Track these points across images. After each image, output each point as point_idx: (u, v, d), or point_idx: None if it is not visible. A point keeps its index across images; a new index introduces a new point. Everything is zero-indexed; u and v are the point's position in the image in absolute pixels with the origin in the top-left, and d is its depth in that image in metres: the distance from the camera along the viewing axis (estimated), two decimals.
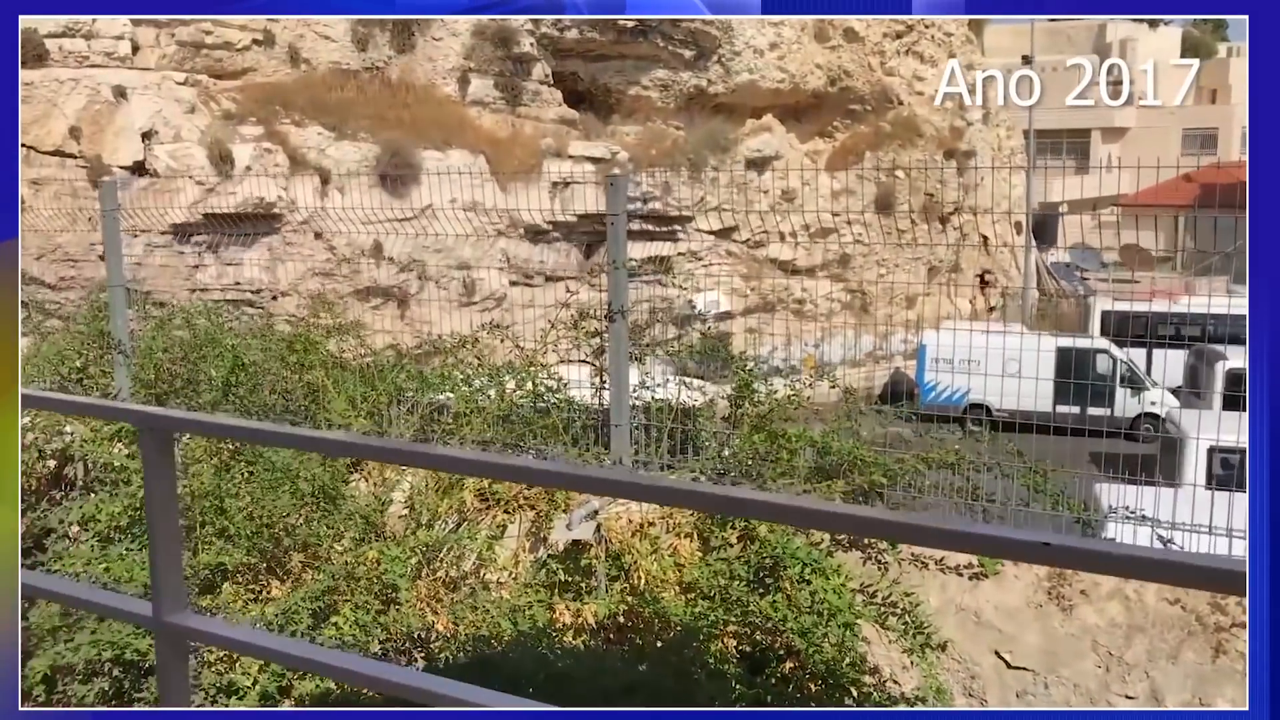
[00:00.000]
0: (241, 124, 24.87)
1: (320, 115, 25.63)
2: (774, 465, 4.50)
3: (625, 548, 4.45)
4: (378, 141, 25.61)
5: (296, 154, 24.97)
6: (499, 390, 5.21)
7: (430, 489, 4.78)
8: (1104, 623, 3.91)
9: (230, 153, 24.10)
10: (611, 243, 4.87)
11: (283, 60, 26.45)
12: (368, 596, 4.22)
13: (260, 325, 6.49)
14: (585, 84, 29.95)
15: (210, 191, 23.54)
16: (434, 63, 27.66)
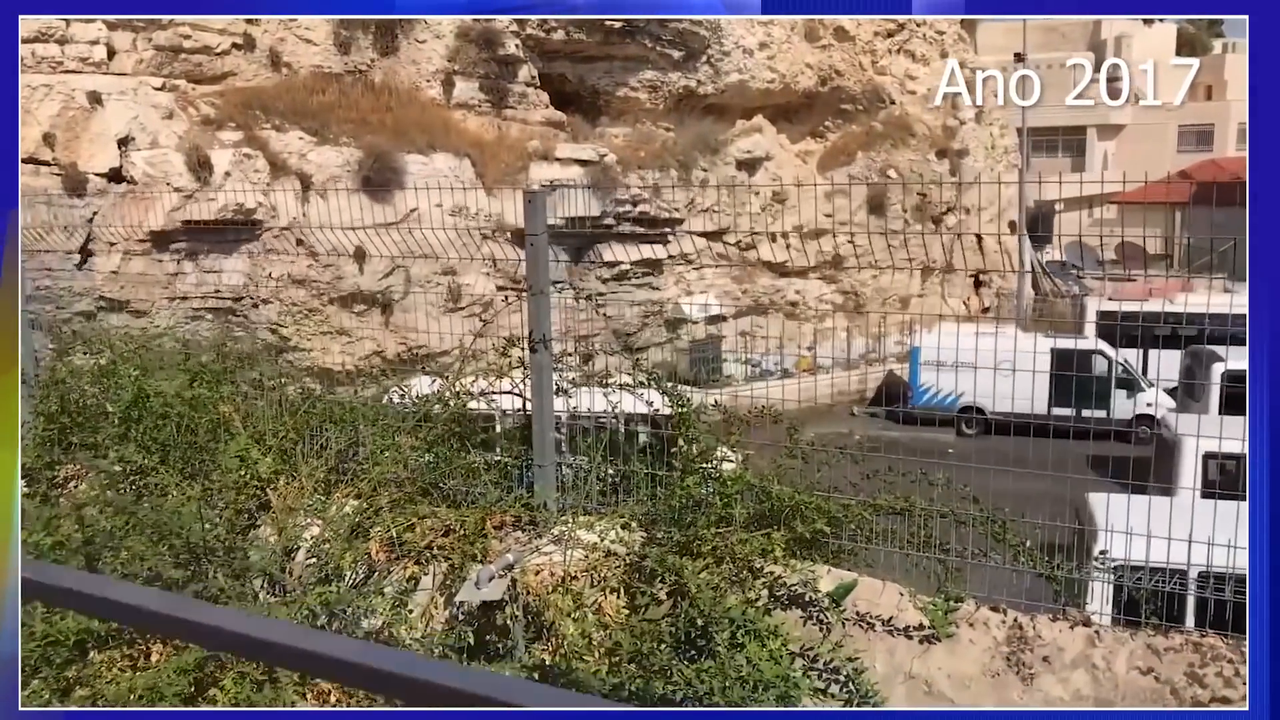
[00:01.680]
0: (221, 129, 24.47)
1: (301, 119, 25.21)
2: (707, 513, 4.07)
3: (546, 604, 4.03)
4: (360, 146, 25.18)
5: (277, 159, 24.56)
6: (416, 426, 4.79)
7: (335, 536, 4.37)
8: (1068, 695, 3.49)
9: (209, 159, 23.69)
10: (531, 266, 4.45)
11: (263, 64, 26.04)
12: (252, 666, 3.81)
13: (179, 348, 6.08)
14: (573, 85, 29.54)
15: (189, 199, 23.16)
16: (418, 65, 27.24)
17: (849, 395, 28.95)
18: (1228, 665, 3.43)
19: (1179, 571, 4.43)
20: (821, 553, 4.25)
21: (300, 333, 25.93)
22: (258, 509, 4.71)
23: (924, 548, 4.18)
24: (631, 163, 28.34)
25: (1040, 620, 3.73)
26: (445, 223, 12.41)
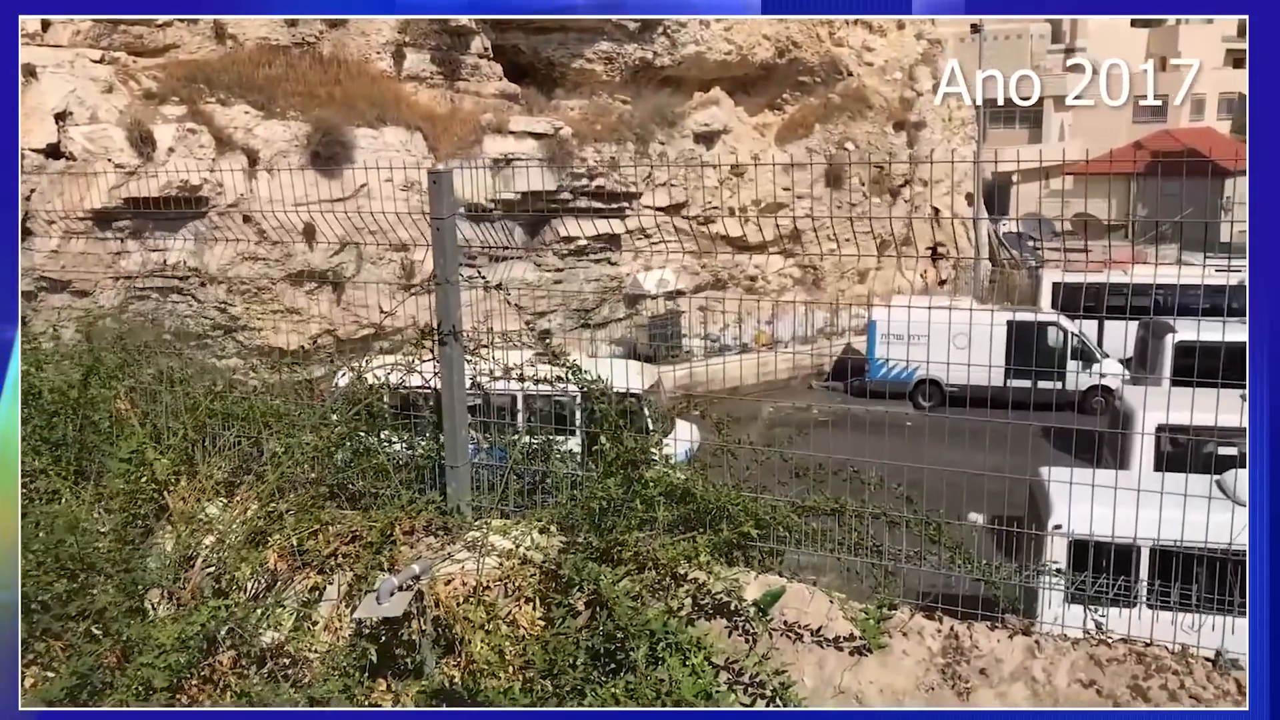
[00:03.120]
0: (163, 104, 23.77)
1: (247, 93, 24.58)
2: (629, 517, 3.81)
3: (456, 617, 3.76)
4: (308, 120, 24.58)
5: (222, 134, 23.93)
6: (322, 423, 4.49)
7: (233, 544, 4.08)
8: (1006, 709, 3.27)
9: (151, 134, 23.02)
10: (437, 252, 4.16)
11: (207, 36, 25.33)
12: (127, 694, 3.53)
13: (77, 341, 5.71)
14: (527, 57, 29.01)
15: (131, 175, 22.49)
16: (367, 37, 26.61)
17: (807, 369, 28.88)
18: (1172, 677, 3.23)
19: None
20: (750, 556, 4.01)
21: (250, 312, 25.42)
22: (155, 514, 4.40)
23: (857, 550, 3.96)
24: (587, 136, 27.92)
25: (978, 629, 3.52)
26: (396, 198, 11.99)
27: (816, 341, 28.63)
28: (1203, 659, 3.33)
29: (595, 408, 4.23)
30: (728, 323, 29.71)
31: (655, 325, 29.26)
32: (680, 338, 29.41)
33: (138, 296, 23.76)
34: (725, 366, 26.22)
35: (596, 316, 29.01)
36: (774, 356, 27.75)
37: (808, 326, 29.87)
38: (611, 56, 29.24)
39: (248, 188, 22.93)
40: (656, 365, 23.57)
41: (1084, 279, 23.56)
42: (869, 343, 26.27)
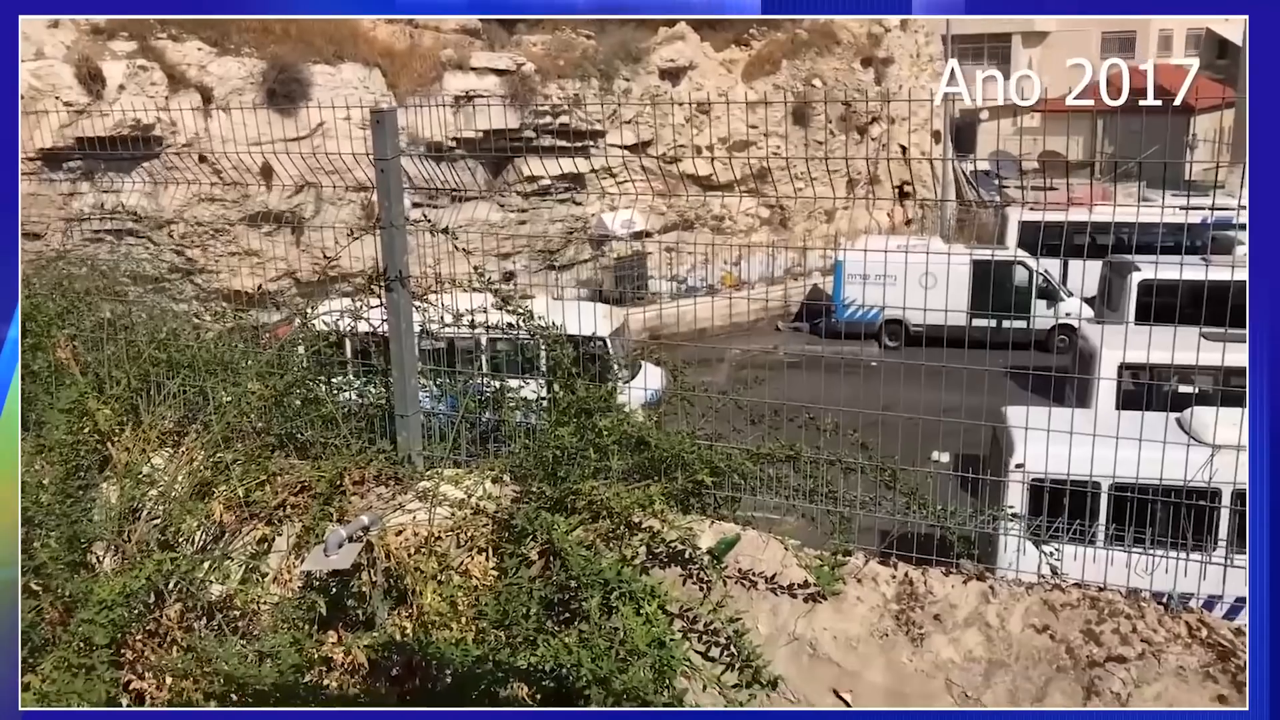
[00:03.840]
0: (112, 39, 23.09)
1: (200, 29, 23.90)
2: (583, 466, 3.75)
3: (407, 568, 3.70)
4: (263, 56, 23.99)
5: (175, 71, 23.32)
6: (268, 374, 4.38)
7: (178, 495, 3.98)
8: (960, 657, 3.27)
9: (101, 71, 22.38)
10: (382, 195, 4.03)
11: None
12: (66, 652, 3.45)
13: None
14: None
15: (81, 114, 21.89)
16: None
17: (774, 310, 28.86)
18: (1124, 621, 3.23)
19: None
20: (705, 504, 3.97)
21: (208, 254, 25.03)
22: (97, 465, 4.29)
23: (812, 497, 3.92)
24: (550, 72, 27.46)
25: (932, 574, 3.50)
26: (355, 137, 11.71)
27: (783, 282, 28.57)
28: (1155, 603, 3.34)
29: (549, 354, 4.14)
30: (694, 264, 29.58)
31: (621, 267, 29.10)
32: (646, 279, 29.29)
33: (91, 239, 23.27)
34: (692, 308, 26.16)
35: (562, 258, 28.79)
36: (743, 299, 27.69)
37: (773, 267, 29.80)
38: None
39: (202, 126, 22.41)
40: (624, 308, 23.48)
41: (1042, 218, 23.60)
42: (835, 283, 26.29)
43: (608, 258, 29.03)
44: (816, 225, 31.49)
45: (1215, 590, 4.05)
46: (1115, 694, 3.09)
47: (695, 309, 25.78)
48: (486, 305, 4.47)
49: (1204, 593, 3.99)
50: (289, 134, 21.67)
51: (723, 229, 31.37)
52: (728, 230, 31.27)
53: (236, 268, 24.47)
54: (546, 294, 15.41)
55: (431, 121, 23.25)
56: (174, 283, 23.47)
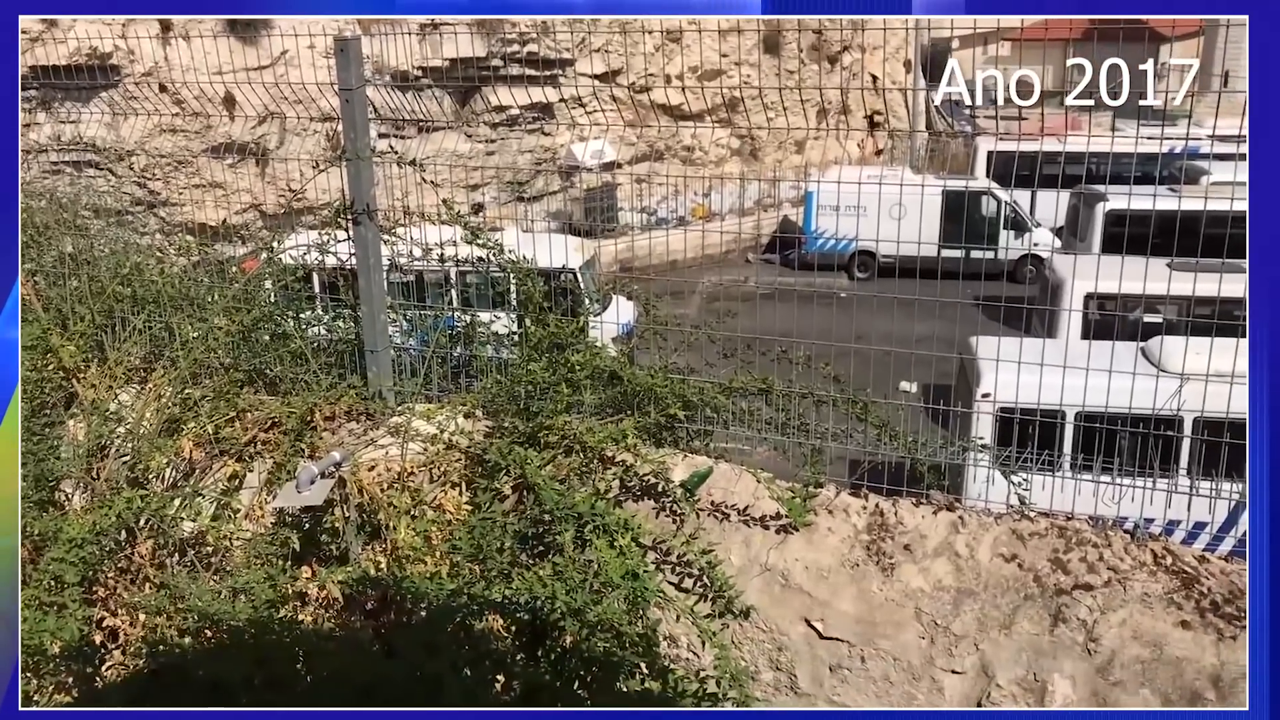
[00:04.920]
0: None
1: None
2: (555, 400, 3.74)
3: (380, 503, 3.70)
4: None
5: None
6: (235, 309, 4.31)
7: (146, 432, 3.94)
8: (929, 586, 3.32)
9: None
10: (347, 125, 3.95)
11: None
12: (37, 590, 3.44)
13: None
14: None
15: (35, 41, 21.27)
16: None
17: (745, 242, 28.78)
18: (1091, 550, 3.28)
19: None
20: (678, 437, 3.98)
21: (170, 186, 24.59)
22: (63, 403, 4.24)
23: (784, 429, 3.94)
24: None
25: (903, 505, 3.54)
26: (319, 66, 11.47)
27: (754, 214, 28.47)
28: (1121, 531, 3.39)
29: (520, 288, 4.11)
30: (665, 196, 29.37)
31: (591, 199, 28.85)
32: (617, 211, 29.08)
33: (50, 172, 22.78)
34: (663, 240, 26.02)
35: (531, 190, 28.51)
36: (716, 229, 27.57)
37: (744, 199, 29.65)
38: None
39: (162, 55, 21.89)
40: (595, 239, 23.31)
41: (1018, 147, 23.56)
42: (805, 214, 26.23)
43: (577, 189, 28.76)
44: (787, 156, 31.34)
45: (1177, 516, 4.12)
46: (1081, 621, 3.15)
47: (666, 241, 25.68)
48: (456, 238, 4.42)
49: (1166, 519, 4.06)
50: (251, 63, 21.15)
51: (693, 160, 31.17)
52: (698, 161, 31.08)
53: (201, 200, 24.06)
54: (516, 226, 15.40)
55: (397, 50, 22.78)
56: (137, 216, 23.08)
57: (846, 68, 30.45)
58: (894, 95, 32.04)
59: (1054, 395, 4.35)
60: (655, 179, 28.81)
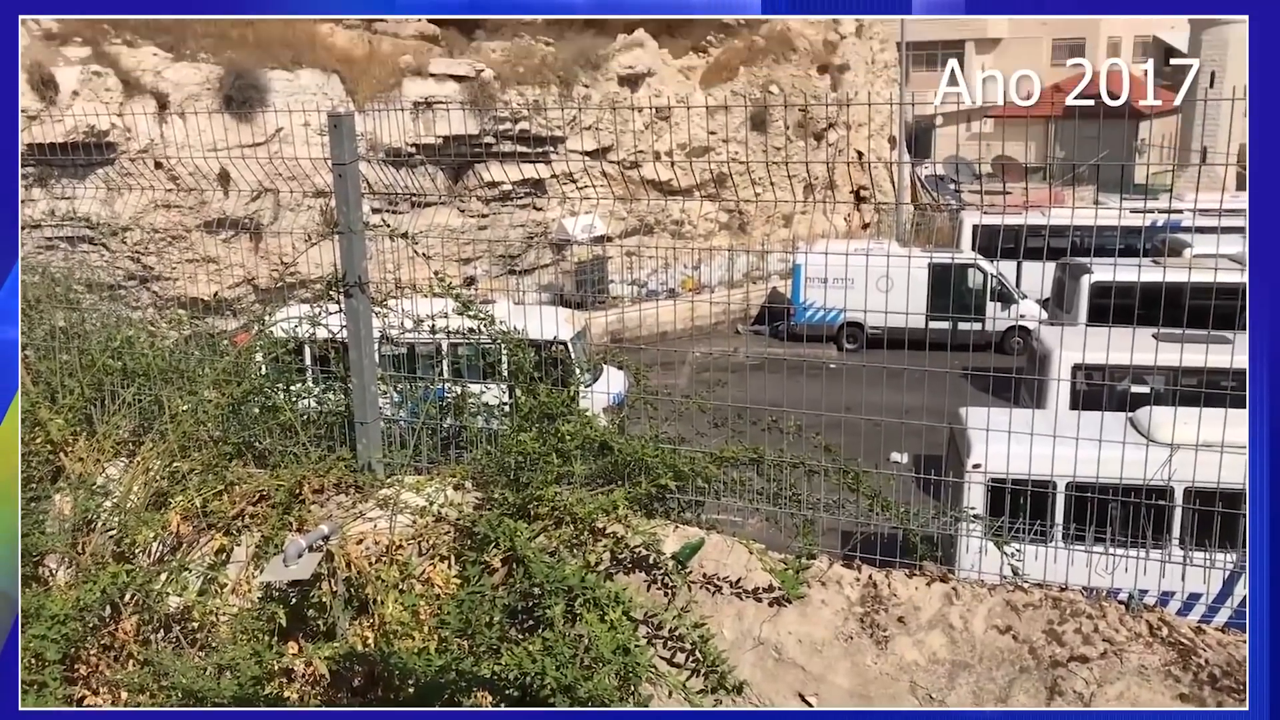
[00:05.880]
0: (65, 45, 22.74)
1: (155, 34, 23.60)
2: (545, 471, 3.73)
3: (368, 577, 3.66)
4: (220, 62, 23.71)
5: (130, 77, 23.00)
6: (226, 382, 4.31)
7: (133, 506, 3.91)
8: (924, 658, 3.28)
9: (54, 77, 22.03)
10: (340, 200, 3.99)
11: None
12: (20, 668, 3.37)
13: None
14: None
15: (33, 120, 21.54)
16: None
17: (734, 314, 28.95)
18: (1086, 621, 3.26)
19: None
20: (669, 508, 3.96)
21: (164, 261, 24.71)
22: (50, 477, 4.20)
23: (776, 500, 3.93)
24: (510, 79, 27.38)
25: (896, 577, 3.51)
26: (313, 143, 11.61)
27: (743, 286, 28.66)
28: (1116, 602, 3.37)
29: (511, 359, 4.12)
30: (655, 268, 29.62)
31: (582, 271, 29.06)
32: (607, 283, 29.27)
33: (44, 247, 22.87)
34: (652, 312, 26.19)
35: (523, 263, 28.71)
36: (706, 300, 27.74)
37: (733, 271, 29.86)
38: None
39: (158, 132, 22.14)
40: (585, 311, 23.45)
41: (1003, 221, 23.87)
42: (794, 286, 26.43)
43: (569, 262, 28.99)
44: (775, 230, 31.65)
45: (1171, 586, 4.10)
46: (1078, 694, 3.12)
47: (657, 312, 25.85)
48: (447, 310, 4.44)
49: (1160, 589, 4.04)
50: (246, 140, 21.41)
51: (682, 233, 31.47)
52: (687, 235, 31.37)
53: (194, 274, 24.18)
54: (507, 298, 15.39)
55: (391, 127, 23.14)
56: (130, 290, 23.15)
57: (832, 144, 30.94)
58: (879, 170, 32.51)
59: (1045, 466, 4.36)
60: (645, 252, 29.09)
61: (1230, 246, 13.05)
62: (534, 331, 4.61)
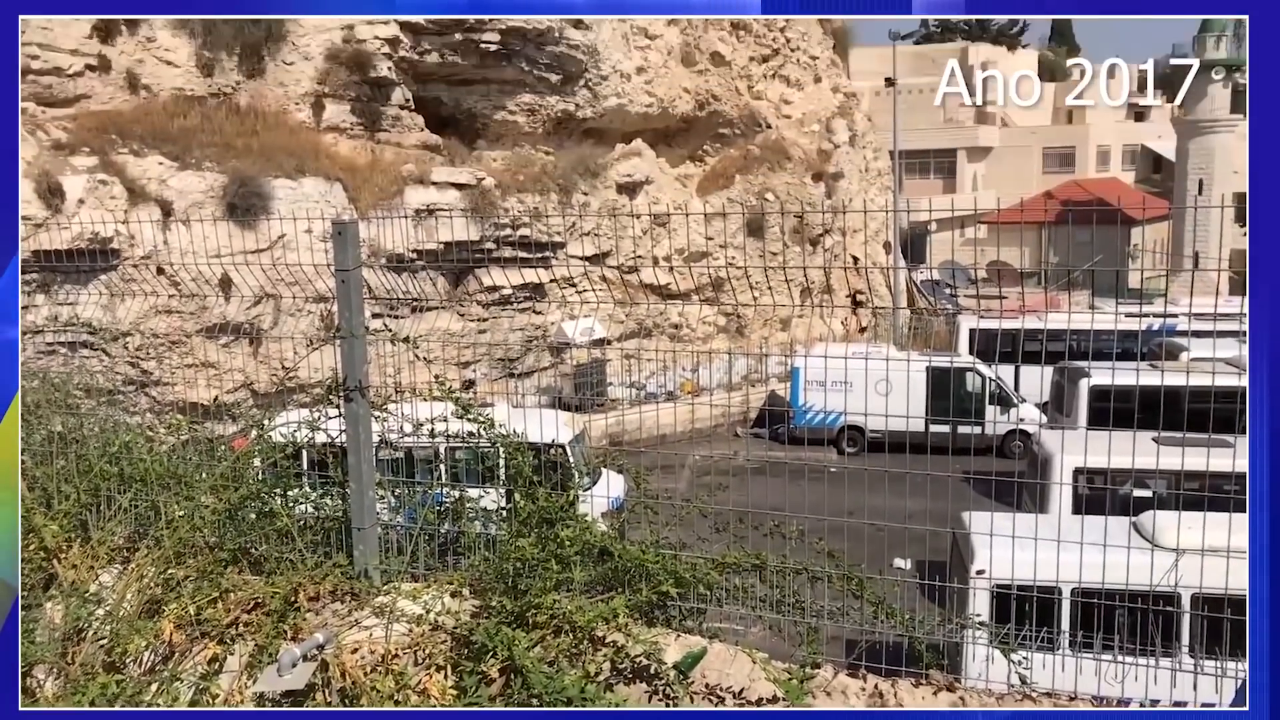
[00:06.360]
0: (73, 154, 23.19)
1: (161, 144, 24.10)
2: (544, 577, 3.68)
3: (363, 688, 3.58)
4: (224, 170, 24.16)
5: (135, 185, 23.40)
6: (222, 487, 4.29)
7: (126, 614, 3.85)
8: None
9: (60, 185, 22.41)
10: (342, 305, 4.03)
11: (120, 87, 24.79)
12: None
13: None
14: (449, 109, 28.95)
15: (39, 227, 21.83)
16: (285, 88, 26.30)
17: (733, 417, 28.96)
18: None
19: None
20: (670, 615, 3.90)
21: (164, 366, 24.78)
22: (42, 584, 4.15)
23: (779, 607, 3.87)
24: (511, 186, 27.87)
25: (902, 686, 3.44)
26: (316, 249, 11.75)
27: (742, 389, 28.74)
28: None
29: (509, 463, 4.10)
30: (653, 371, 29.74)
31: (581, 374, 29.16)
32: (606, 386, 29.33)
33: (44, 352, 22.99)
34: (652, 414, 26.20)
35: (522, 366, 28.82)
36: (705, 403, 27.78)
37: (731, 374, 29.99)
38: (534, 108, 29.31)
39: (161, 239, 22.42)
40: (584, 414, 23.46)
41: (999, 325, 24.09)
42: (793, 389, 26.50)
43: (568, 365, 29.11)
44: (773, 333, 31.86)
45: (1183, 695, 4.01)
46: None
47: (656, 415, 25.85)
48: (446, 414, 4.44)
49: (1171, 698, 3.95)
50: (249, 246, 21.74)
51: (681, 336, 31.68)
52: (686, 337, 31.59)
53: (193, 379, 24.22)
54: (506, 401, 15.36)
55: (393, 234, 23.45)
56: (128, 395, 23.16)
57: (828, 249, 31.35)
58: (875, 275, 32.88)
59: (1049, 571, 4.30)
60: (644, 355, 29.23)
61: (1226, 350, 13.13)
62: (533, 434, 4.60)
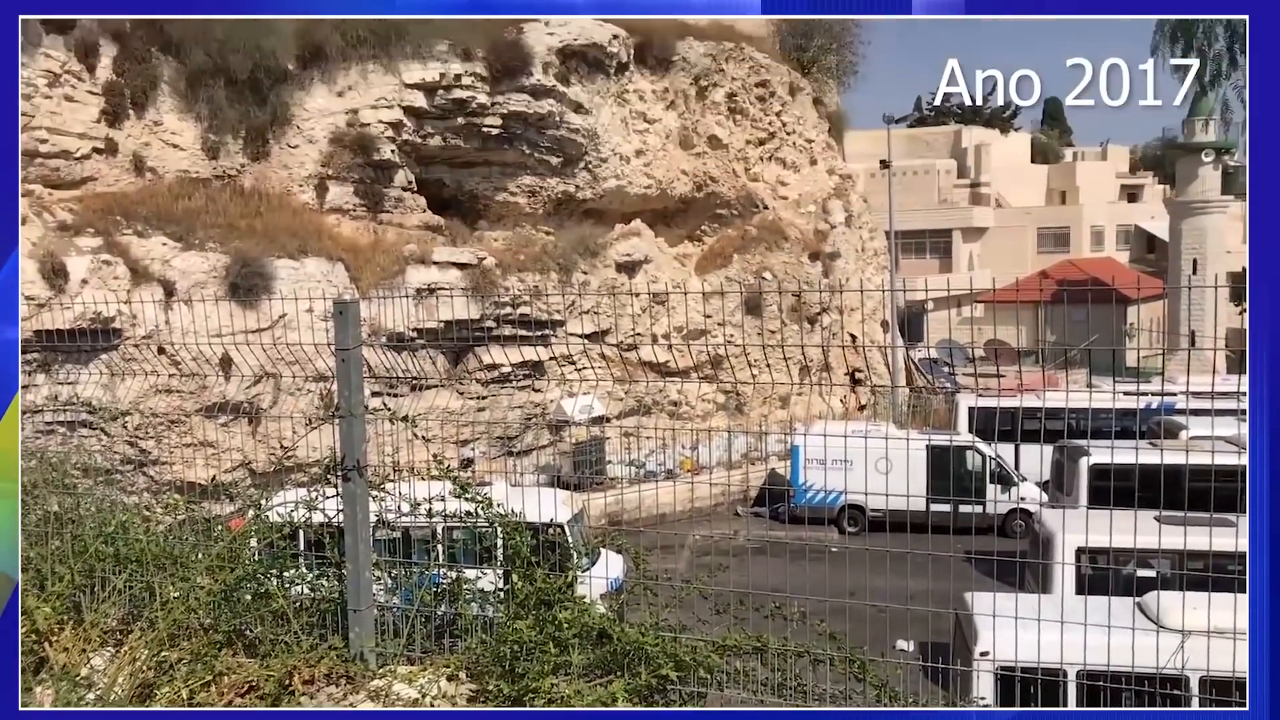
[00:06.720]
0: (78, 235, 23.42)
1: (165, 225, 24.36)
2: (542, 660, 3.63)
3: None
4: (227, 251, 24.38)
5: (138, 266, 23.60)
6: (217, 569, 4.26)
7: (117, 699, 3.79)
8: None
9: (65, 266, 22.60)
10: (342, 384, 4.04)
11: (126, 169, 25.16)
12: None
13: None
14: (450, 190, 29.36)
15: (42, 307, 21.95)
16: (289, 170, 26.68)
17: (733, 495, 28.80)
18: None
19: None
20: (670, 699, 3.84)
21: (162, 445, 24.71)
22: (33, 668, 4.09)
23: (780, 690, 3.81)
24: (511, 266, 28.13)
25: None
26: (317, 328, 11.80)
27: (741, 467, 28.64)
28: None
29: (507, 542, 4.08)
30: (653, 449, 29.65)
31: (580, 452, 29.09)
32: (605, 464, 29.24)
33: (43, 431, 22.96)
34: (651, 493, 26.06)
35: (520, 444, 28.76)
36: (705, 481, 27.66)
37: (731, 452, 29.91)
38: (534, 190, 29.72)
39: (163, 319, 22.54)
40: (583, 493, 23.34)
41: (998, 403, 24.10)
42: (793, 468, 26.41)
43: (567, 443, 29.04)
44: (772, 410, 31.88)
45: None
46: None
47: (655, 494, 25.73)
48: (444, 493, 4.42)
49: None
50: (250, 326, 21.82)
51: (680, 414, 31.68)
52: (685, 415, 31.57)
53: (191, 459, 24.14)
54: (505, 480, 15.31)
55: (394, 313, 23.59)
56: (126, 474, 23.04)
57: (826, 328, 31.52)
58: (873, 353, 33.01)
59: (1054, 653, 4.26)
60: (643, 433, 29.18)
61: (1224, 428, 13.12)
62: (531, 514, 4.58)
